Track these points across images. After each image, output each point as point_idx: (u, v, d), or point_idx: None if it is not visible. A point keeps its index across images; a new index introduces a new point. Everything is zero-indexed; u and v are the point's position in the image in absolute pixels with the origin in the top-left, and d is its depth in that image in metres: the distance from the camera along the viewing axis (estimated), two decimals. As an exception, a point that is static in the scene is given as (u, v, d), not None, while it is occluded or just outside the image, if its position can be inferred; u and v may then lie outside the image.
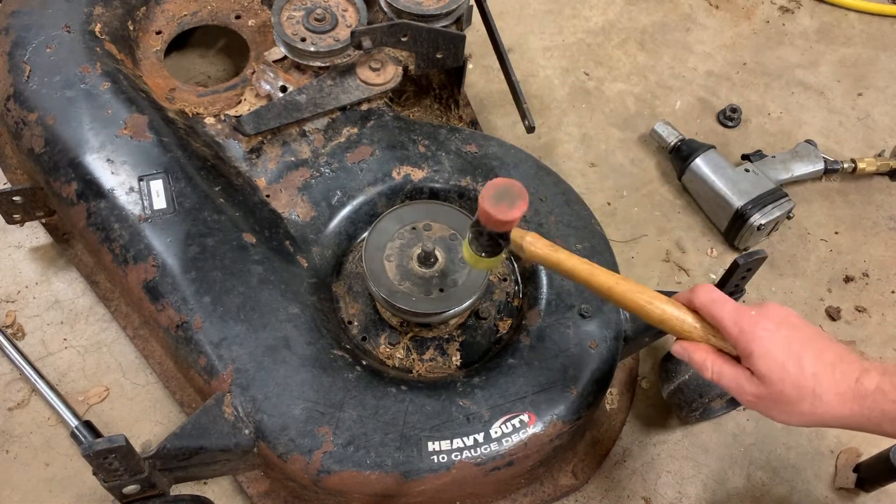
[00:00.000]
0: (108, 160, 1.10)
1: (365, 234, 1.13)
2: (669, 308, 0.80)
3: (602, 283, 0.82)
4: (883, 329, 1.32)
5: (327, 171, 1.18)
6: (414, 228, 1.09)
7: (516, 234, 0.84)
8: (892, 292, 1.36)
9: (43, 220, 1.27)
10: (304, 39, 1.20)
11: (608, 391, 1.17)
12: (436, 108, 1.41)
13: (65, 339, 1.23)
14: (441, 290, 1.04)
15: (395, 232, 1.08)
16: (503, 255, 0.90)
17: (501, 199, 0.78)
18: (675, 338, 0.83)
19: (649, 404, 1.22)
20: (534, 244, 0.84)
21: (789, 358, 0.72)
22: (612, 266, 1.13)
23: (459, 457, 0.94)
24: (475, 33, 1.44)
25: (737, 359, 0.77)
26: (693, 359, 0.79)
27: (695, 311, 0.80)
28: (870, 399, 0.70)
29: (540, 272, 1.10)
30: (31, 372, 1.17)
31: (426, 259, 1.06)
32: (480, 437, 0.95)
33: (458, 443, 0.94)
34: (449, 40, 1.22)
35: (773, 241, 1.41)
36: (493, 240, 0.85)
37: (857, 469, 1.16)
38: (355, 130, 1.22)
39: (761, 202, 1.32)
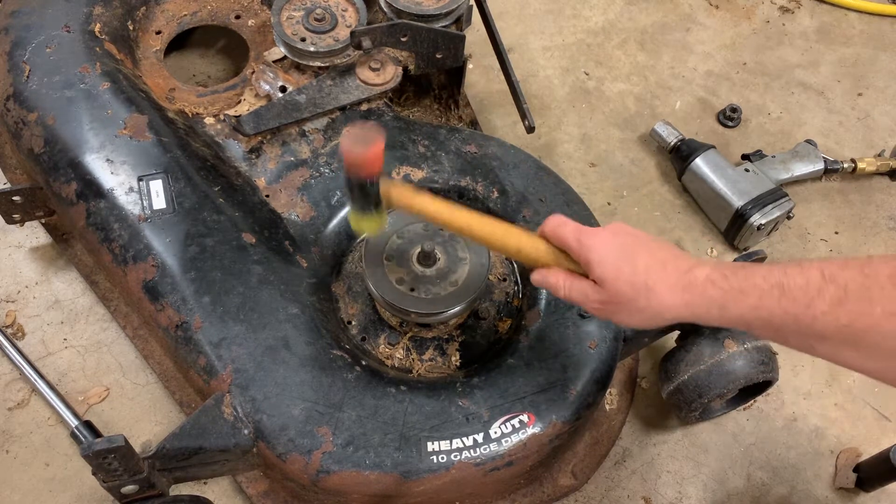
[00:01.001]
0: (108, 160, 1.10)
1: (364, 235, 1.13)
2: (524, 238, 0.85)
3: (462, 223, 0.86)
4: (883, 329, 1.32)
5: (327, 171, 1.18)
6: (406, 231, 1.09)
7: (385, 184, 0.87)
8: (892, 292, 1.36)
9: (43, 220, 1.27)
10: (303, 39, 1.20)
11: (607, 391, 1.17)
12: (436, 109, 1.41)
13: (65, 339, 1.23)
14: (441, 290, 1.04)
15: (395, 232, 1.08)
16: (383, 216, 0.91)
17: (357, 142, 0.80)
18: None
19: (649, 404, 1.22)
20: (400, 192, 0.87)
21: (624, 259, 0.77)
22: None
23: (459, 457, 0.94)
24: (475, 33, 1.44)
25: (586, 276, 0.82)
26: (548, 281, 0.83)
27: (547, 240, 0.85)
28: (699, 288, 0.73)
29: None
30: (31, 372, 1.17)
31: (426, 259, 1.06)
32: (480, 437, 0.95)
33: (457, 443, 0.94)
34: (449, 40, 1.22)
35: (773, 241, 1.41)
36: (362, 190, 0.86)
37: (857, 469, 1.16)
38: (355, 130, 1.21)
39: (761, 202, 1.32)
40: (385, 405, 0.96)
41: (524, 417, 0.97)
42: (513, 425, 0.96)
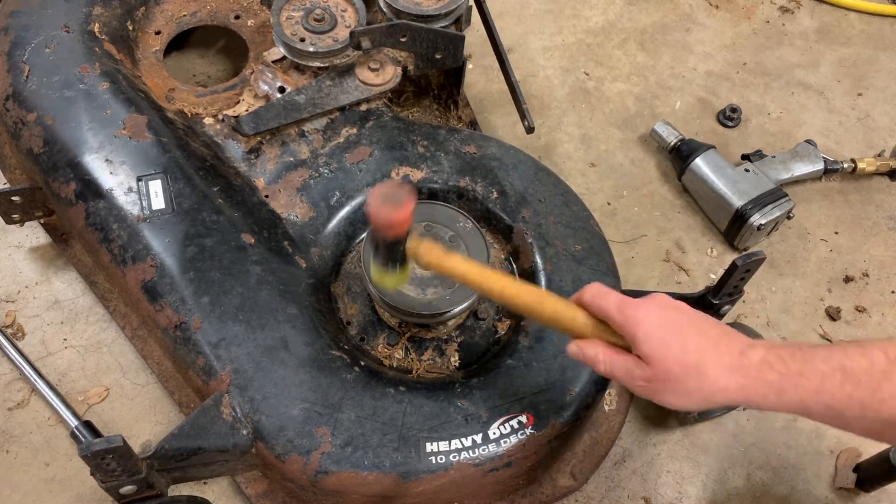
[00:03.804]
0: (107, 160, 1.10)
1: (364, 235, 1.13)
2: (561, 306, 0.80)
3: (493, 287, 0.83)
4: (883, 329, 1.32)
5: (326, 171, 1.18)
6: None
7: (412, 242, 0.84)
8: (892, 292, 1.36)
9: (42, 221, 1.27)
10: (303, 40, 1.20)
11: (606, 392, 1.17)
12: (435, 109, 1.41)
13: (65, 339, 1.23)
14: (440, 291, 1.04)
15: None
16: (406, 272, 0.90)
17: (387, 202, 0.77)
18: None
19: (649, 404, 1.22)
20: (428, 251, 0.84)
21: (672, 337, 0.72)
22: (612, 267, 1.13)
23: (458, 458, 0.94)
24: (475, 33, 1.44)
25: (628, 350, 0.77)
26: (586, 354, 0.78)
27: (585, 308, 0.80)
28: (754, 370, 0.70)
29: (539, 273, 1.10)
30: (31, 372, 1.17)
31: (425, 259, 1.05)
32: (479, 437, 0.95)
33: (456, 444, 0.94)
34: (448, 41, 1.22)
35: (773, 241, 1.41)
36: (389, 249, 0.85)
37: (857, 469, 1.16)
38: (354, 131, 1.21)
39: (761, 202, 1.32)
40: (384, 406, 0.96)
41: (523, 418, 0.97)
42: (512, 426, 0.96)
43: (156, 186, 1.09)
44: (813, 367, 0.68)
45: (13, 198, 1.17)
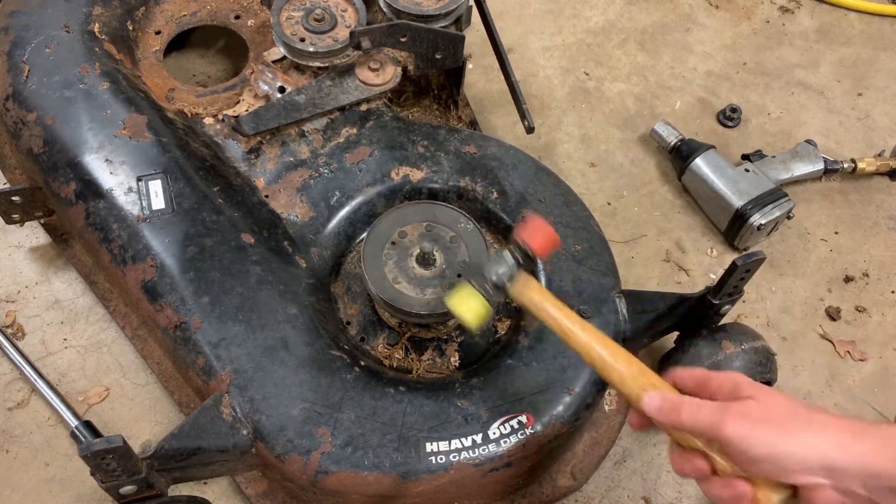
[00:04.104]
0: (107, 160, 1.10)
1: (363, 235, 1.13)
2: (652, 372, 0.77)
3: (587, 340, 0.81)
4: (883, 329, 1.32)
5: (326, 171, 1.18)
6: (403, 235, 1.09)
7: (523, 274, 0.87)
8: (892, 292, 1.36)
9: (42, 221, 1.27)
10: (303, 40, 1.20)
11: (606, 392, 1.17)
12: (435, 109, 1.41)
13: (65, 339, 1.23)
14: (440, 291, 1.04)
15: (394, 233, 1.08)
16: (491, 309, 0.89)
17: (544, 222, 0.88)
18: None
19: (648, 405, 1.22)
20: (534, 285, 0.87)
21: (779, 396, 0.70)
22: (612, 267, 1.13)
23: (458, 458, 0.94)
24: (475, 33, 1.44)
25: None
26: (666, 398, 0.74)
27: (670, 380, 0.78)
28: (865, 423, 0.66)
29: (538, 273, 1.10)
30: (31, 372, 1.17)
31: (425, 260, 1.06)
32: (479, 437, 0.95)
33: (456, 444, 0.94)
34: (448, 41, 1.22)
35: (773, 241, 1.41)
36: (509, 261, 0.86)
37: (856, 470, 1.15)
38: (354, 131, 1.22)
39: (761, 202, 1.32)
40: (384, 406, 0.96)
41: (523, 418, 0.97)
42: (512, 426, 0.96)
43: (156, 186, 1.09)
44: None
45: (13, 198, 1.17)
